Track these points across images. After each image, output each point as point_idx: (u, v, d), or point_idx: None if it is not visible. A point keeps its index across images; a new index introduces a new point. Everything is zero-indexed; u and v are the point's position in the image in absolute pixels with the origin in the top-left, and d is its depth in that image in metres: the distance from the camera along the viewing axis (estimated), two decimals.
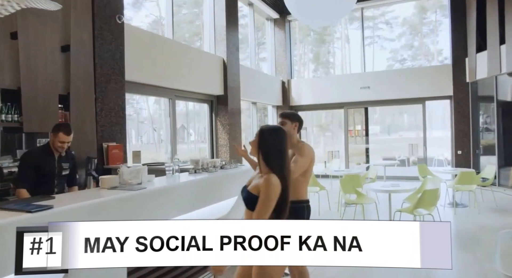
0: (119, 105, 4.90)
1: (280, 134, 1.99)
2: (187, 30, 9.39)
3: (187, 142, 11.44)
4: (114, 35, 4.84)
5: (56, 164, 3.11)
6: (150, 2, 8.37)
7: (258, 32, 11.48)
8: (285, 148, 1.98)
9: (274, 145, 1.95)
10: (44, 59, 3.95)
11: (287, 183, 1.94)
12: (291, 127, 2.65)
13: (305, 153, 2.52)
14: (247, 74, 9.08)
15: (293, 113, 2.70)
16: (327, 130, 17.49)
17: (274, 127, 2.08)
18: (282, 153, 1.96)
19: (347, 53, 12.76)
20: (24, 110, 3.75)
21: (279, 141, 1.96)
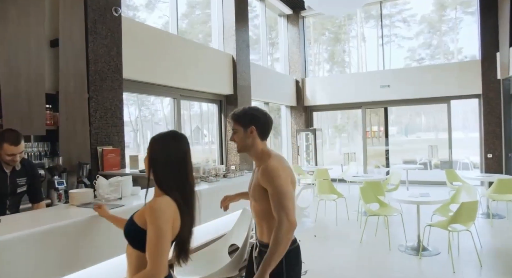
0: (115, 105, 4.47)
1: (172, 143, 1.50)
2: (200, 31, 9.15)
3: (201, 143, 11.20)
4: (110, 29, 4.41)
5: (9, 182, 2.51)
6: (163, 3, 8.13)
7: (271, 32, 10.99)
8: (182, 160, 1.49)
9: (167, 158, 1.47)
10: (28, 54, 3.54)
11: (188, 208, 1.48)
12: (246, 134, 1.85)
13: (279, 171, 1.76)
14: (259, 73, 8.59)
15: (245, 111, 1.89)
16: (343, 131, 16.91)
17: (166, 134, 1.57)
18: (178, 168, 1.48)
19: (363, 52, 12.23)
20: (4, 111, 3.35)
21: (173, 153, 1.48)
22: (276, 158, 1.85)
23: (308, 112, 11.17)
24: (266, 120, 1.89)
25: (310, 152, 10.63)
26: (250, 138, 1.86)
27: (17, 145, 2.38)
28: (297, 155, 10.64)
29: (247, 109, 1.90)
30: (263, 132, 1.88)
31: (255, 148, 1.88)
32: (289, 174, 1.83)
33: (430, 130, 16.44)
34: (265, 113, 1.91)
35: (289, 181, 1.80)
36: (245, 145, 1.88)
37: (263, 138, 1.90)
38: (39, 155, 3.73)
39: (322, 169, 7.95)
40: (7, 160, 2.39)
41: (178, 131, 1.62)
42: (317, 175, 7.82)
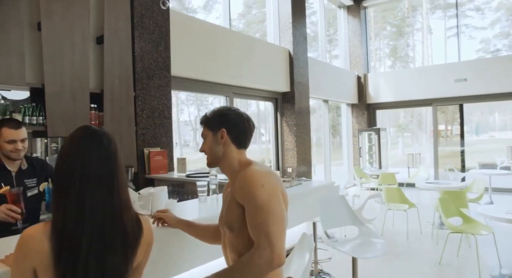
0: (163, 104, 4.20)
1: (72, 156, 1.02)
2: (257, 30, 8.94)
3: (258, 143, 11.15)
4: (157, 23, 4.16)
5: (15, 184, 2.11)
6: (219, 4, 8.00)
7: (329, 28, 10.32)
8: (80, 176, 0.99)
9: (63, 176, 1.01)
10: (72, 52, 3.37)
11: (66, 244, 0.95)
12: (216, 140, 1.44)
13: (262, 178, 1.30)
14: (317, 68, 7.99)
15: (214, 112, 1.50)
16: (406, 130, 15.66)
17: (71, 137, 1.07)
18: (69, 187, 0.99)
19: (429, 45, 11.13)
20: (48, 111, 3.20)
21: (69, 167, 1.01)
22: (260, 165, 1.42)
23: (371, 110, 10.31)
24: (241, 121, 1.46)
25: (372, 154, 9.79)
26: (220, 145, 1.45)
27: (17, 129, 2.07)
28: (358, 157, 9.85)
29: (217, 108, 1.52)
30: (238, 138, 1.46)
31: (228, 158, 1.45)
32: (277, 184, 1.36)
33: (506, 129, 14.59)
34: (241, 113, 1.50)
35: (277, 193, 1.32)
36: (214, 154, 1.46)
37: (239, 145, 1.47)
38: None
39: (388, 173, 7.17)
40: (8, 150, 2.05)
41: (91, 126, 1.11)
42: (382, 179, 7.06)
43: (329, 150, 9.06)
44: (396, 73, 10.32)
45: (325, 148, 8.94)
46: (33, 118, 3.17)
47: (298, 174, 6.85)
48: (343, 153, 10.22)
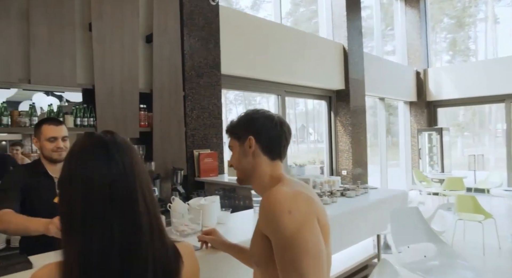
0: (214, 104, 4.02)
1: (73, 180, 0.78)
2: (305, 28, 8.65)
3: (307, 142, 10.90)
4: (207, 20, 3.98)
5: (57, 191, 2.01)
6: (267, 3, 7.87)
7: (382, 22, 9.69)
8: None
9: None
10: (121, 51, 3.28)
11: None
12: (244, 150, 1.17)
13: (291, 202, 0.98)
14: (372, 64, 7.48)
15: (241, 117, 1.22)
16: (466, 129, 14.47)
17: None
18: (71, 221, 0.76)
19: (494, 36, 10.08)
20: (98, 112, 3.12)
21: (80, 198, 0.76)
22: (290, 183, 1.09)
23: (432, 108, 9.53)
24: (271, 126, 1.16)
25: (433, 155, 9.03)
26: (249, 156, 1.17)
27: (57, 125, 1.95)
28: (418, 159, 9.14)
29: (243, 113, 1.24)
30: (270, 146, 1.16)
31: (258, 172, 1.16)
32: (310, 208, 1.01)
33: None
34: (271, 116, 1.19)
35: (311, 220, 0.99)
36: (243, 168, 1.19)
37: (272, 155, 1.17)
38: None
39: (454, 177, 6.51)
40: (49, 149, 1.91)
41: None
42: (448, 185, 6.42)
43: (386, 152, 8.47)
44: (460, 68, 9.44)
45: (381, 149, 8.37)
46: (84, 120, 3.11)
47: (353, 177, 6.42)
48: (399, 154, 9.55)
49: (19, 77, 2.77)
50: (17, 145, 4.48)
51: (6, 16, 2.69)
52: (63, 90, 3.38)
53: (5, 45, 2.68)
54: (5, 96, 3.25)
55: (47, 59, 2.86)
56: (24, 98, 4.24)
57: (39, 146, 1.97)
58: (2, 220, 1.67)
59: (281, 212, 0.97)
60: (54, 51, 2.90)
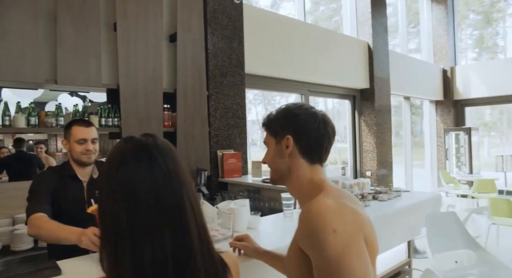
0: (237, 104, 3.96)
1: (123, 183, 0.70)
2: (326, 27, 8.51)
3: None
4: (230, 18, 3.93)
5: (86, 195, 1.87)
6: (287, 2, 7.80)
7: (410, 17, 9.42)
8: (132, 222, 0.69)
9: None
10: (145, 51, 3.25)
11: None
12: (279, 150, 1.04)
13: (336, 219, 0.85)
14: (397, 62, 7.27)
15: (278, 111, 1.09)
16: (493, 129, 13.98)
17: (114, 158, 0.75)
18: (116, 233, 0.69)
19: None
20: (123, 112, 3.11)
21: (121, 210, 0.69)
22: (333, 193, 0.96)
23: (459, 107, 9.20)
24: (314, 125, 1.02)
25: (461, 156, 8.72)
26: (285, 157, 1.03)
27: (87, 127, 1.89)
28: (445, 160, 8.84)
29: (284, 106, 1.09)
30: (310, 148, 1.02)
31: (296, 176, 1.03)
32: (357, 225, 0.89)
33: None
34: (315, 113, 1.04)
35: (357, 241, 0.86)
36: (277, 169, 1.06)
37: (311, 159, 1.03)
38: None
39: (485, 179, 6.24)
40: (78, 151, 1.84)
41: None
42: (478, 187, 6.17)
43: (411, 152, 8.23)
44: (489, 65, 9.07)
45: (406, 150, 8.14)
46: (109, 120, 3.10)
47: (378, 178, 6.26)
48: (424, 155, 9.27)
49: (46, 78, 2.78)
50: (41, 144, 4.56)
51: (34, 18, 2.70)
52: (88, 90, 3.39)
53: (33, 47, 2.69)
54: (32, 97, 3.29)
55: (73, 59, 2.87)
56: (50, 99, 4.31)
57: (68, 148, 1.91)
58: (33, 225, 1.60)
59: (324, 230, 0.85)
60: (80, 51, 2.90)
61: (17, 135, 4.15)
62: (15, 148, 4.19)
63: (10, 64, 2.58)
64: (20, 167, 4.03)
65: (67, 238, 1.44)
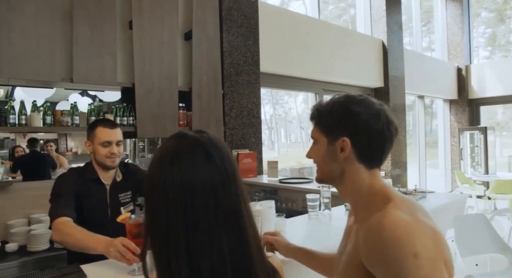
0: (252, 103, 3.90)
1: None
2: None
3: None
4: (245, 15, 3.87)
5: (109, 200, 1.81)
6: (295, 1, 7.75)
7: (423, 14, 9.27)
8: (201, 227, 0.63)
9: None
10: (161, 49, 3.21)
11: None
12: (332, 152, 0.91)
13: (415, 239, 0.73)
14: (412, 60, 7.14)
15: (334, 104, 0.92)
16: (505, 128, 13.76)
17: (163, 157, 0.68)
18: (170, 234, 0.63)
19: None
20: (138, 111, 3.06)
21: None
22: (403, 204, 0.83)
23: (474, 107, 9.02)
24: (376, 127, 0.87)
25: (475, 156, 8.54)
26: (338, 162, 0.91)
27: (112, 128, 1.81)
28: (459, 160, 8.68)
29: (339, 97, 0.93)
30: (369, 153, 0.90)
31: (351, 181, 0.91)
32: (439, 246, 0.77)
33: None
34: (378, 111, 0.89)
35: (442, 265, 0.75)
36: (327, 171, 0.94)
37: (370, 163, 0.90)
38: None
39: (504, 180, 6.09)
40: (103, 154, 1.77)
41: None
42: (496, 188, 6.02)
43: (425, 152, 8.10)
44: (507, 63, 8.88)
45: (420, 150, 8.01)
46: (123, 119, 3.06)
47: (392, 179, 6.14)
48: (438, 155, 9.11)
49: (62, 76, 2.75)
50: (51, 142, 4.55)
51: (50, 17, 2.66)
52: (103, 89, 3.36)
53: (49, 45, 2.66)
54: (43, 96, 3.25)
55: (88, 58, 2.83)
56: (61, 98, 4.29)
57: (92, 149, 1.83)
58: (57, 229, 1.52)
59: (404, 255, 0.72)
60: (95, 50, 2.86)
61: (30, 135, 4.14)
62: (29, 147, 4.18)
63: (26, 63, 2.55)
64: (34, 166, 4.02)
65: (94, 247, 1.37)
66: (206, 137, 0.69)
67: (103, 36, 2.91)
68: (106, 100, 3.87)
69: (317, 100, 5.28)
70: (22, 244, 2.41)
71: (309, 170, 6.06)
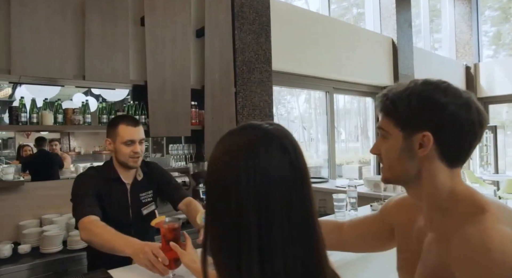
0: (265, 101, 3.83)
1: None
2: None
3: (337, 141, 10.64)
4: (257, 12, 3.79)
5: (130, 199, 1.76)
6: (299, 0, 7.72)
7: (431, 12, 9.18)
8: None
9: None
10: (173, 46, 3.14)
11: None
12: (408, 148, 0.79)
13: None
14: (421, 58, 7.05)
15: (412, 93, 0.80)
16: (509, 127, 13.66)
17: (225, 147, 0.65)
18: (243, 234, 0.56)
19: None
20: (151, 109, 3.00)
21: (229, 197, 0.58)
22: (503, 215, 0.72)
23: (483, 105, 8.79)
24: (466, 121, 0.76)
25: (484, 155, 8.45)
26: (415, 159, 0.80)
27: (135, 126, 1.73)
28: (469, 159, 8.56)
29: (419, 86, 0.82)
30: (454, 150, 0.79)
31: (428, 182, 0.80)
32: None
33: None
34: (468, 102, 0.78)
35: None
36: (399, 169, 0.83)
37: (452, 162, 0.80)
38: (184, 158, 3.33)
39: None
40: (126, 154, 1.69)
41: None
42: (508, 187, 5.93)
43: None
44: None
45: None
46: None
47: None
48: None
49: (74, 74, 2.69)
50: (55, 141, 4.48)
51: (62, 13, 2.60)
52: (115, 87, 3.30)
53: (61, 42, 2.60)
54: (47, 95, 3.13)
55: (100, 55, 2.77)
56: (64, 98, 4.21)
57: (113, 148, 1.76)
58: (85, 229, 1.46)
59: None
60: (107, 46, 2.80)
61: (33, 134, 4.08)
62: (36, 147, 4.12)
63: (38, 60, 2.49)
64: (43, 166, 3.96)
65: (122, 250, 1.30)
66: (280, 131, 0.63)
67: (115, 33, 2.85)
68: (109, 100, 3.80)
69: (328, 99, 5.20)
70: (34, 245, 2.35)
71: (315, 169, 5.99)
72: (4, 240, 2.40)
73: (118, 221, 1.64)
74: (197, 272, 1.09)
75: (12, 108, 2.47)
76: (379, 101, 0.87)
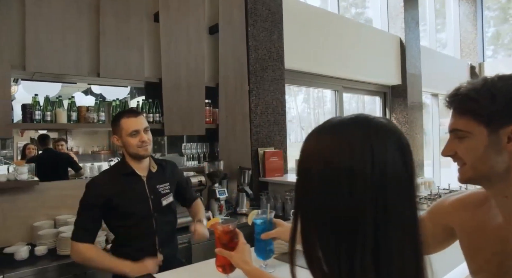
0: (277, 99, 3.78)
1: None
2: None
3: None
4: (270, 9, 3.74)
5: (148, 190, 1.77)
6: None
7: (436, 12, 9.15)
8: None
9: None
10: (187, 44, 3.08)
11: None
12: (495, 143, 0.77)
13: None
14: (427, 57, 7.00)
15: (490, 86, 0.78)
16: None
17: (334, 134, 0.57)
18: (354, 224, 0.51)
19: None
20: (165, 107, 2.94)
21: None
22: None
23: None
24: None
25: None
26: (503, 154, 0.78)
27: (136, 116, 1.77)
28: None
29: (492, 82, 0.81)
30: None
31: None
32: None
33: None
34: None
35: None
36: (487, 167, 0.80)
37: None
38: (197, 158, 3.27)
39: None
40: (134, 145, 1.72)
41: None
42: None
43: (439, 151, 7.97)
44: None
45: (435, 148, 7.89)
46: (149, 115, 2.93)
47: None
48: None
49: (88, 70, 2.63)
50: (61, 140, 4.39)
51: (77, 9, 2.55)
52: (127, 84, 3.24)
53: (75, 38, 2.54)
54: (46, 92, 3.01)
55: (115, 52, 2.71)
56: (65, 97, 4.11)
57: (122, 143, 1.78)
58: (82, 254, 1.66)
59: None
60: (122, 43, 2.75)
61: (28, 132, 3.97)
62: (40, 145, 4.01)
63: (53, 57, 2.43)
64: (52, 166, 3.87)
65: (121, 271, 1.57)
66: (395, 127, 0.58)
67: (130, 29, 2.79)
68: (110, 98, 3.70)
69: (337, 97, 5.15)
70: (50, 247, 2.28)
71: None
72: (19, 241, 2.34)
73: (139, 214, 1.70)
74: (250, 274, 1.04)
75: (26, 106, 2.41)
76: (450, 101, 0.84)
